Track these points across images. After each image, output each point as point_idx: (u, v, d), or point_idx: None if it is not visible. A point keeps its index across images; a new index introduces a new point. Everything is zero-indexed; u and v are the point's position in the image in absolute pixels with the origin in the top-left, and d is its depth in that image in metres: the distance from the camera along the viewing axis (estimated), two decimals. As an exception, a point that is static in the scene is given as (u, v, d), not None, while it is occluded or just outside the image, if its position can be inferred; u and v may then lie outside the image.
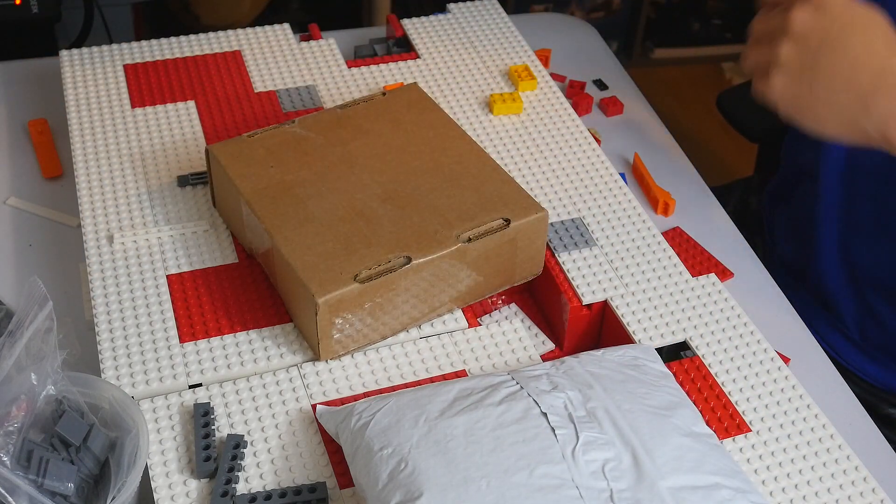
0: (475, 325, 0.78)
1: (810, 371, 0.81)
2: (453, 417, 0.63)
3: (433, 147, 0.82)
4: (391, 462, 0.61)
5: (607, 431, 0.63)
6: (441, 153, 0.81)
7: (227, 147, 0.82)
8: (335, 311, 0.70)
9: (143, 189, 0.88)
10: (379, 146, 0.82)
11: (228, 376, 0.73)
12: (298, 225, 0.75)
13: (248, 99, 0.99)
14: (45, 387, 0.64)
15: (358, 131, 0.84)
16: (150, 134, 0.94)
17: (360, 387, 0.72)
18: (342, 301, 0.70)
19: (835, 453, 0.69)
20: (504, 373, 0.68)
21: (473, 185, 0.78)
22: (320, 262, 0.72)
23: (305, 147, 0.82)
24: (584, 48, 1.20)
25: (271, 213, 0.76)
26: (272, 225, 0.75)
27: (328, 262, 0.72)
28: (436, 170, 0.80)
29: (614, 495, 0.59)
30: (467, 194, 0.77)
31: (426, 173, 0.79)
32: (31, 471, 0.61)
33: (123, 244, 0.83)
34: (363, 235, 0.74)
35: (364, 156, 0.81)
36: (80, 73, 1.01)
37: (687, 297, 0.80)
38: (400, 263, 0.72)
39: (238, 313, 0.77)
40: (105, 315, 0.77)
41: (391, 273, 0.71)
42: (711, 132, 2.21)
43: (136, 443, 0.64)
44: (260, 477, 0.66)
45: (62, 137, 1.00)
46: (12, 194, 0.95)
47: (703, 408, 0.71)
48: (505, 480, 0.59)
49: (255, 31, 1.08)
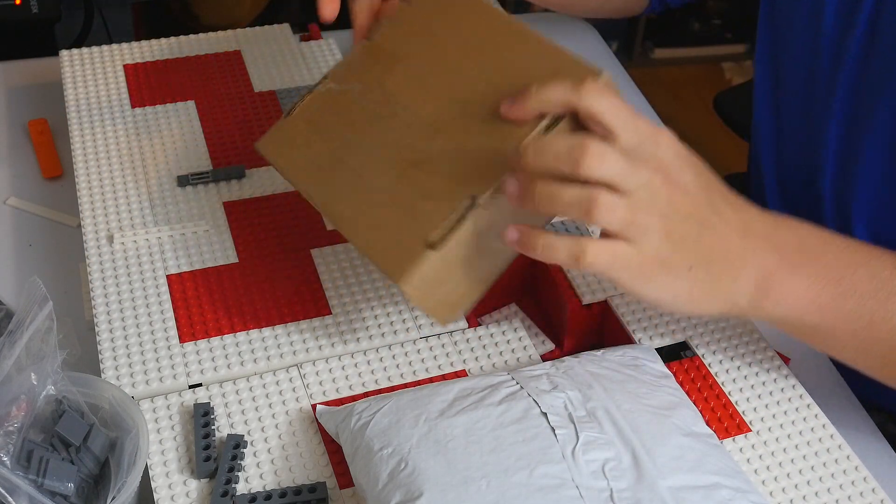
0: (475, 325, 0.78)
1: (810, 371, 0.81)
2: (453, 417, 0.63)
3: (477, 54, 0.71)
4: (391, 462, 0.61)
5: (607, 431, 0.63)
6: (487, 58, 0.70)
7: (271, 138, 0.77)
8: (424, 285, 0.64)
9: (143, 189, 0.88)
10: (417, 73, 0.73)
11: (228, 376, 0.73)
12: (356, 201, 0.69)
13: (248, 99, 0.99)
14: (45, 387, 0.64)
15: (392, 61, 0.74)
16: (150, 134, 0.94)
17: (359, 387, 0.72)
18: (425, 274, 0.64)
19: (835, 453, 0.69)
20: (504, 373, 0.68)
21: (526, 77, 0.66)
22: (389, 240, 0.66)
23: (343, 103, 0.75)
24: (584, 48, 1.20)
25: (328, 196, 0.71)
26: (333, 211, 0.70)
27: (397, 237, 0.66)
28: (484, 80, 0.69)
29: (614, 495, 0.59)
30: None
31: (473, 89, 0.69)
32: (31, 471, 0.61)
33: (123, 244, 0.83)
34: (422, 188, 0.67)
35: (403, 91, 0.72)
36: (80, 73, 1.01)
37: (687, 297, 0.80)
38: (465, 207, 0.64)
39: (238, 313, 0.77)
40: (105, 315, 0.77)
41: (462, 222, 0.64)
42: (711, 132, 2.21)
43: (136, 443, 0.64)
44: (260, 477, 0.66)
45: (62, 137, 1.00)
46: (12, 194, 0.95)
47: (703, 408, 0.71)
48: (505, 480, 0.59)
49: (255, 31, 1.08)
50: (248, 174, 0.90)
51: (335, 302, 0.78)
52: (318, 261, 0.82)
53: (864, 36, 0.82)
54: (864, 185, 0.86)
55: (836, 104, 0.86)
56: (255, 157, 0.92)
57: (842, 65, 0.85)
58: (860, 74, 0.84)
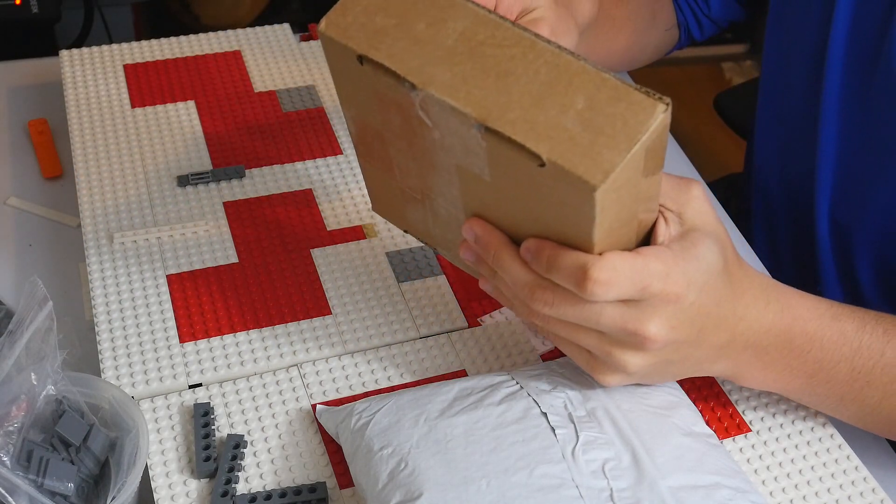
0: (475, 325, 0.78)
1: (810, 371, 0.81)
2: (453, 417, 0.63)
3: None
4: (391, 462, 0.61)
5: (607, 431, 0.63)
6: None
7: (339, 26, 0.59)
8: (615, 188, 0.53)
9: (143, 189, 0.88)
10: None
11: (228, 376, 0.73)
12: (499, 89, 0.55)
13: (248, 99, 0.99)
14: (45, 387, 0.64)
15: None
16: (150, 134, 0.94)
17: (360, 387, 0.72)
18: (618, 176, 0.52)
19: (835, 453, 0.69)
20: (504, 373, 0.68)
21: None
22: (562, 135, 0.53)
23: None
24: (584, 48, 1.20)
25: (464, 90, 0.55)
26: (480, 105, 0.54)
27: (573, 131, 0.53)
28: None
29: (614, 495, 0.59)
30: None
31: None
32: (31, 471, 0.61)
33: (123, 244, 0.83)
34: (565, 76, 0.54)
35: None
36: (80, 73, 1.01)
37: (687, 297, 0.80)
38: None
39: (238, 313, 0.77)
40: (105, 315, 0.77)
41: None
42: (712, 132, 2.21)
43: (136, 443, 0.64)
44: (260, 477, 0.66)
45: (62, 137, 1.00)
46: (12, 194, 0.95)
47: (703, 408, 0.71)
48: (505, 480, 0.59)
49: (255, 31, 1.08)
50: (248, 174, 0.90)
51: (335, 302, 0.78)
52: (318, 261, 0.82)
53: (873, 43, 0.82)
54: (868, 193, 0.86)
55: (836, 114, 0.86)
56: (255, 157, 0.92)
57: (847, 72, 0.85)
58: (863, 85, 0.84)
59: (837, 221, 0.91)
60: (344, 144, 0.94)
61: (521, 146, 0.53)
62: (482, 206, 0.61)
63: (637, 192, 0.56)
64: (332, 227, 0.85)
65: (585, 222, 0.55)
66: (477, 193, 0.61)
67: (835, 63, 0.86)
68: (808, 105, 0.90)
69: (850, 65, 0.85)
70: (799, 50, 0.91)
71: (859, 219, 0.88)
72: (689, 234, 0.60)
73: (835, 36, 0.85)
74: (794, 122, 0.95)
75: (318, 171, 0.91)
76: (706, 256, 0.60)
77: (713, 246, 0.60)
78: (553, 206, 0.56)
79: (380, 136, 0.64)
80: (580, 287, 0.56)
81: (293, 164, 0.91)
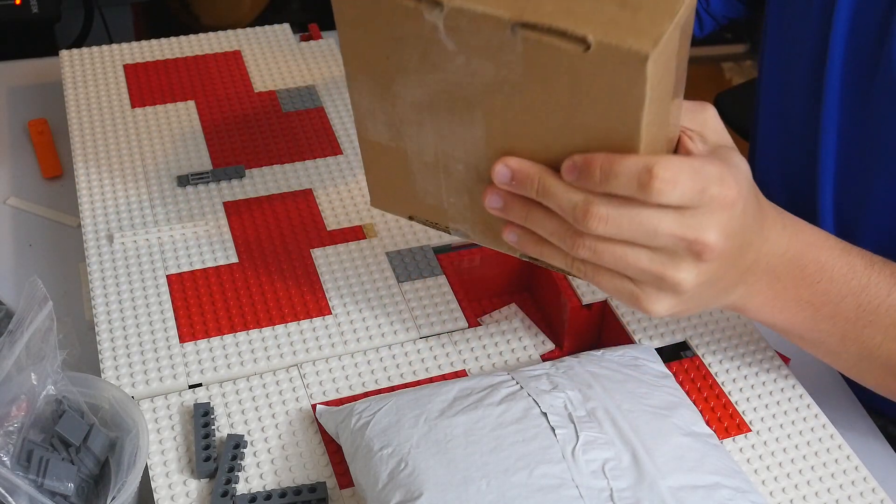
0: (475, 325, 0.78)
1: (810, 371, 0.81)
2: (453, 417, 0.63)
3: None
4: (391, 462, 0.61)
5: (607, 431, 0.63)
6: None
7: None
8: (664, 60, 0.51)
9: (143, 189, 0.88)
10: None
11: (228, 376, 0.73)
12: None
13: (248, 99, 0.99)
14: (45, 387, 0.64)
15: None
16: (150, 134, 0.94)
17: (359, 387, 0.72)
18: (664, 48, 0.51)
19: (835, 453, 0.69)
20: (504, 373, 0.68)
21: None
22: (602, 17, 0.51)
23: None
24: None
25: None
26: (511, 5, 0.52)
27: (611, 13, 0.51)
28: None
29: (614, 494, 0.59)
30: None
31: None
32: (31, 471, 0.61)
33: (123, 244, 0.83)
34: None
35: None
36: (80, 73, 1.01)
37: (687, 297, 0.80)
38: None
39: (238, 313, 0.77)
40: (105, 315, 0.77)
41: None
42: (711, 132, 2.21)
43: (136, 443, 0.64)
44: (260, 477, 0.66)
45: (62, 137, 1.00)
46: (12, 194, 0.95)
47: (703, 408, 0.71)
48: (505, 480, 0.59)
49: (255, 31, 1.08)
50: (248, 174, 0.90)
51: (335, 302, 0.78)
52: (318, 261, 0.82)
53: (873, 42, 0.82)
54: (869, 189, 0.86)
55: (837, 114, 0.86)
56: (255, 157, 0.92)
57: (847, 72, 0.85)
58: (864, 84, 0.84)
59: (839, 221, 0.91)
60: (344, 144, 0.94)
61: (564, 32, 0.51)
62: (511, 140, 0.59)
63: (670, 87, 0.54)
64: (332, 227, 0.85)
65: (633, 111, 0.52)
66: (504, 125, 0.58)
67: (835, 63, 0.86)
68: (808, 105, 0.90)
69: (850, 64, 0.85)
70: (799, 50, 0.91)
71: (861, 218, 0.88)
72: (719, 150, 0.60)
73: (835, 35, 0.85)
74: (794, 122, 0.95)
75: (318, 171, 0.91)
76: (742, 167, 0.60)
77: (743, 160, 0.61)
78: (596, 104, 0.53)
79: (390, 96, 0.61)
80: (645, 188, 0.54)
81: (293, 164, 0.91)
